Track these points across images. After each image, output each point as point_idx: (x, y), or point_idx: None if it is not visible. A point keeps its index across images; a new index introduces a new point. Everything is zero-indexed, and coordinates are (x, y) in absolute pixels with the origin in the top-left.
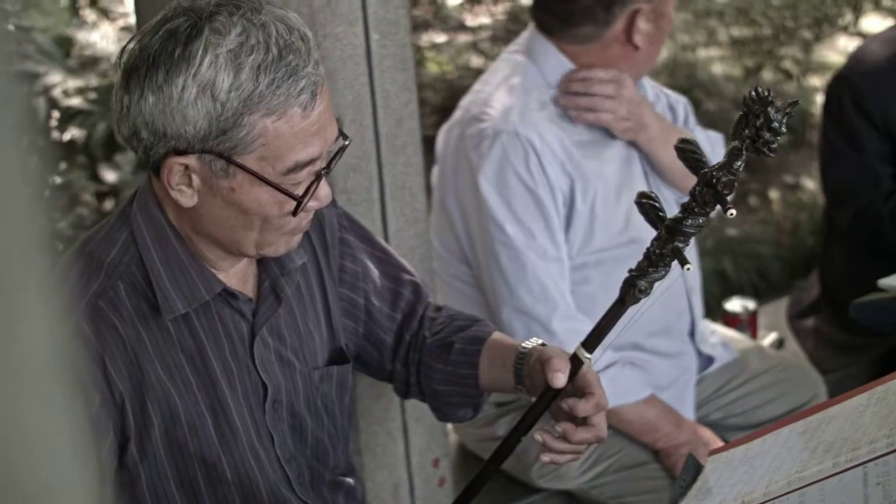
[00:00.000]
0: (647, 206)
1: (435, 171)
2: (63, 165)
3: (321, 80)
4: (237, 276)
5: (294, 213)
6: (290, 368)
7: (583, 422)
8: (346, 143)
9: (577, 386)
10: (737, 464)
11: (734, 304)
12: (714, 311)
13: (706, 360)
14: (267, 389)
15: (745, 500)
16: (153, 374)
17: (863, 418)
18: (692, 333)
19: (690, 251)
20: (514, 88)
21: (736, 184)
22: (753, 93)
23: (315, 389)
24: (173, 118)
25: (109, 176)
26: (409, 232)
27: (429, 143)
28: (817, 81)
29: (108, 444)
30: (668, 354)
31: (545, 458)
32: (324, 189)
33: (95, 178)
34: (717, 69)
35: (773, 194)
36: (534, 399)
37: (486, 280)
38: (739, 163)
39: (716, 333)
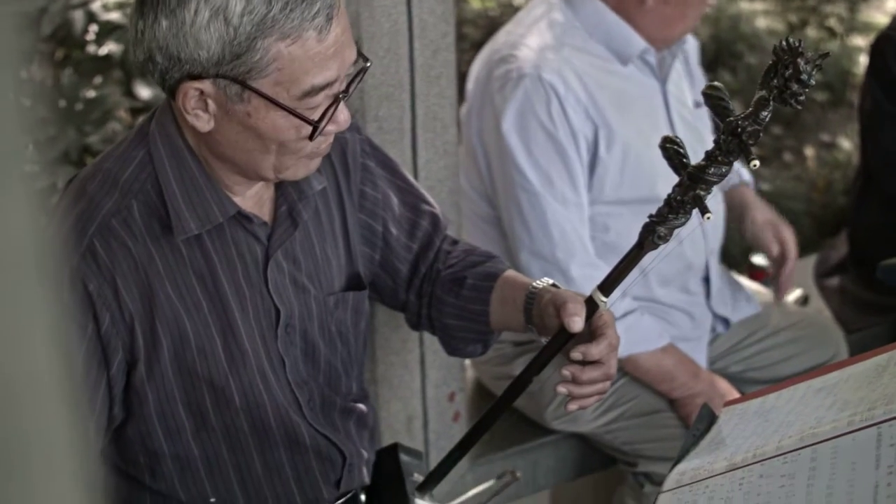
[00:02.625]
0: (672, 150)
1: (464, 107)
2: (98, 79)
3: (337, 2)
4: (253, 199)
5: (311, 137)
6: (305, 293)
7: (591, 361)
8: (368, 65)
9: (592, 327)
10: (751, 416)
11: (760, 258)
12: (740, 264)
13: (722, 321)
14: (279, 314)
15: (758, 453)
16: (163, 295)
17: (881, 379)
18: (708, 294)
19: (718, 211)
20: (545, 31)
21: (761, 134)
22: (784, 43)
23: (329, 315)
24: (186, 43)
25: (144, 92)
26: (438, 164)
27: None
28: (861, 41)
29: (117, 364)
30: (683, 309)
31: (572, 406)
32: (343, 113)
33: (130, 93)
34: (762, 23)
35: (809, 152)
36: (543, 339)
37: (506, 223)
38: (766, 113)
39: (740, 286)
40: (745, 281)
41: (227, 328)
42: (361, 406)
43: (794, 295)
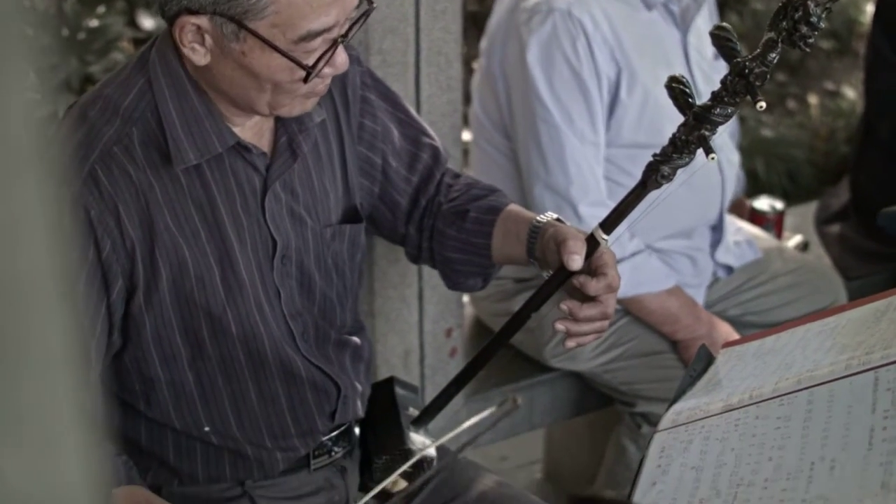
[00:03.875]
0: (678, 90)
1: (484, 38)
2: (101, 9)
3: None
4: (253, 129)
5: (305, 80)
6: (302, 225)
7: (590, 298)
8: (373, 6)
9: (592, 266)
10: (749, 358)
11: (762, 203)
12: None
13: (724, 268)
14: (276, 244)
15: (754, 395)
16: (162, 224)
17: (879, 324)
18: (715, 244)
19: (734, 162)
20: None
21: (768, 76)
22: None
23: (326, 247)
24: None
25: (147, 23)
26: (441, 99)
27: (472, 19)
28: None
29: (117, 291)
30: (686, 255)
31: (570, 343)
32: (340, 56)
33: (133, 24)
34: None
35: (813, 100)
36: (545, 274)
37: (522, 155)
38: (774, 55)
39: (741, 231)
40: (746, 226)
41: (225, 258)
42: (356, 339)
43: (794, 240)
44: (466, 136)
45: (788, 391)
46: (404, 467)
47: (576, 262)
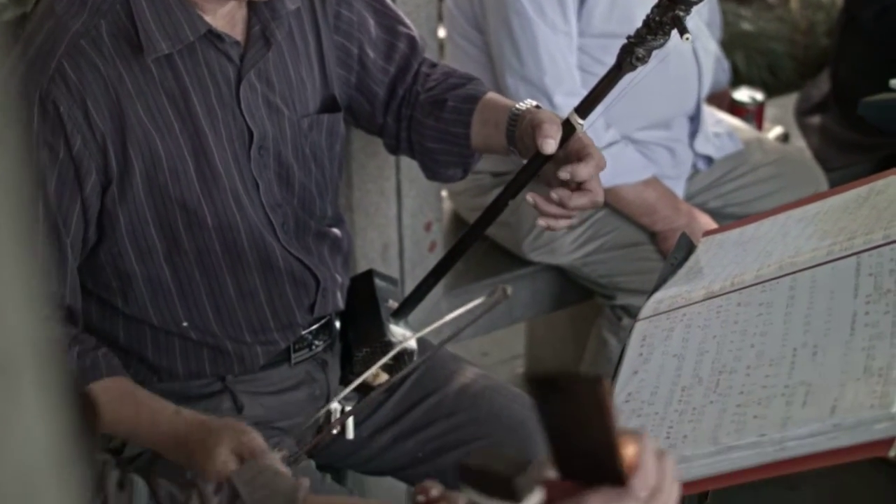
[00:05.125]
0: None
1: None
2: None
3: None
4: (225, 18)
5: None
6: (279, 115)
7: (578, 187)
8: None
9: (571, 150)
10: (730, 246)
11: (742, 94)
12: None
13: (705, 159)
14: (252, 135)
15: (736, 282)
16: (134, 116)
17: (861, 210)
18: (693, 134)
19: (710, 50)
20: None
21: None
22: None
23: (304, 137)
24: None
25: None
26: None
27: None
28: None
29: (90, 186)
30: (665, 146)
31: (541, 222)
32: None
33: None
34: None
35: None
36: (525, 162)
37: (494, 47)
38: None
39: (722, 123)
40: (726, 117)
41: (199, 149)
42: (336, 231)
43: (774, 131)
44: (442, 33)
45: (770, 277)
46: (385, 360)
47: (550, 145)
